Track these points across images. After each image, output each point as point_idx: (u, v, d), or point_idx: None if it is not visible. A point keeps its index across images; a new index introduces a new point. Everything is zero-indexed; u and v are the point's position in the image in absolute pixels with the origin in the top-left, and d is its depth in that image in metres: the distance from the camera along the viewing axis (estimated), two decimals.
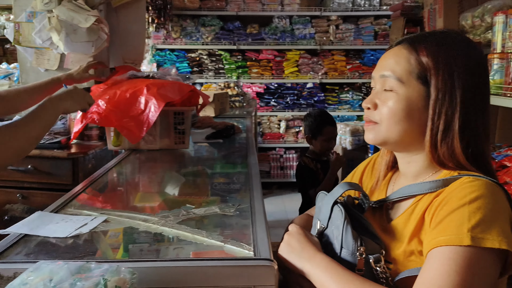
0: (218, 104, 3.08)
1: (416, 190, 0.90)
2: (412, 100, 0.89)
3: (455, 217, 0.77)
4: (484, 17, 2.33)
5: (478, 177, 0.82)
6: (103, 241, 1.10)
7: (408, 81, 0.89)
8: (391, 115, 0.90)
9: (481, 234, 0.74)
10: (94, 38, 2.04)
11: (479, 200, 0.77)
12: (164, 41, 5.00)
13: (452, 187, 0.82)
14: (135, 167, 1.82)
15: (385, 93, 0.91)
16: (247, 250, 0.95)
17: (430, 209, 0.84)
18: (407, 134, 0.90)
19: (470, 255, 0.73)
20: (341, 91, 5.33)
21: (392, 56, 0.93)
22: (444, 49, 0.88)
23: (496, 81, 1.95)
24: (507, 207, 0.80)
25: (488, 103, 0.90)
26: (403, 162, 0.97)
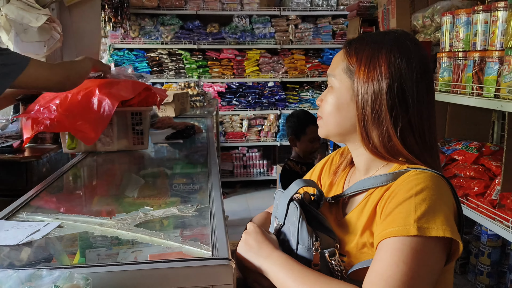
0: (178, 104, 3.06)
1: (368, 184, 0.93)
2: (341, 93, 0.95)
3: (403, 209, 0.80)
4: (434, 17, 2.42)
5: (424, 170, 0.86)
6: (57, 247, 1.07)
7: (339, 77, 0.96)
8: (327, 109, 0.98)
9: (426, 224, 0.77)
10: (46, 38, 1.97)
11: (424, 192, 0.81)
12: (122, 40, 4.90)
13: (400, 180, 0.86)
14: (91, 170, 1.78)
15: (328, 90, 0.99)
16: (205, 250, 0.96)
17: (381, 202, 0.87)
18: (341, 126, 0.96)
19: (416, 245, 0.76)
20: (302, 89, 5.40)
21: (335, 57, 1.00)
22: (370, 46, 0.93)
23: (445, 78, 2.04)
24: (450, 198, 0.85)
25: (429, 97, 0.93)
26: (354, 156, 1.01)
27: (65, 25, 2.22)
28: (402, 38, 0.93)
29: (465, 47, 1.91)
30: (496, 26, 1.71)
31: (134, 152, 1.98)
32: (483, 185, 1.77)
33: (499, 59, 1.69)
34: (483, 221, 1.72)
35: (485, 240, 2.15)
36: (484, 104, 1.72)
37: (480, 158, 1.87)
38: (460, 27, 1.92)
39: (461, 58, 1.92)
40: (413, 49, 0.92)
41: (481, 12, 1.79)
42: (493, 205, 1.71)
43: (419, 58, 0.92)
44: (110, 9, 3.83)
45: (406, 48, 0.92)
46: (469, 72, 1.86)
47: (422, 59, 0.93)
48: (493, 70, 1.71)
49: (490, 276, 2.14)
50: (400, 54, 0.90)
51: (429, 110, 0.93)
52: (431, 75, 0.95)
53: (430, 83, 0.94)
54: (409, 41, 0.93)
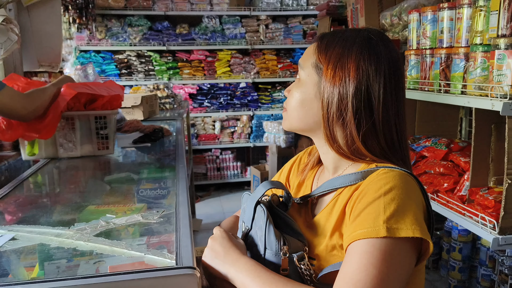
0: (147, 106, 2.98)
1: (336, 184, 0.91)
2: (307, 88, 0.93)
3: (372, 210, 0.78)
4: (402, 15, 2.44)
5: (393, 168, 0.84)
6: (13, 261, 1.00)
7: (308, 71, 0.94)
8: (291, 102, 0.96)
9: (396, 224, 0.75)
10: (2, 40, 1.87)
11: (393, 192, 0.79)
12: (88, 42, 4.77)
13: (369, 179, 0.84)
14: (52, 177, 1.70)
15: (295, 82, 0.98)
16: (169, 259, 0.91)
17: (350, 202, 0.85)
18: (304, 121, 0.94)
19: (386, 247, 0.74)
20: (274, 90, 5.38)
21: (307, 49, 0.98)
22: (341, 44, 0.90)
23: (413, 76, 2.05)
24: (419, 196, 0.83)
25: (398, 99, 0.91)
26: (321, 153, 0.99)
27: (23, 26, 2.13)
28: (374, 39, 0.90)
29: (432, 44, 1.92)
30: (461, 23, 1.72)
31: (99, 157, 1.91)
32: (452, 181, 1.78)
33: (465, 55, 1.70)
34: (453, 216, 1.73)
35: (456, 236, 2.17)
36: (452, 101, 1.73)
37: (449, 155, 1.88)
38: (427, 25, 1.93)
39: (428, 55, 1.93)
40: (384, 51, 0.90)
41: (446, 9, 1.80)
42: (463, 200, 1.72)
43: (389, 61, 0.90)
44: (74, 10, 3.71)
45: (376, 50, 0.89)
46: (436, 69, 1.87)
47: (393, 62, 0.90)
48: (460, 66, 1.72)
49: (462, 271, 2.16)
50: (370, 57, 0.88)
51: (398, 112, 0.91)
52: (401, 77, 0.92)
53: (400, 84, 0.91)
54: (381, 42, 0.91)
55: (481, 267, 2.08)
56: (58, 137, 1.83)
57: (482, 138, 1.64)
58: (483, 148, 1.65)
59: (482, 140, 1.64)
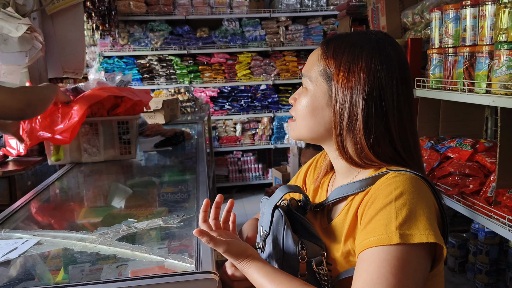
0: (168, 110, 3.01)
1: (347, 190, 0.90)
2: (316, 97, 0.91)
3: (383, 216, 0.76)
4: (423, 14, 2.40)
5: (403, 171, 0.82)
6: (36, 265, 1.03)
7: (315, 79, 0.91)
8: (299, 111, 0.93)
9: (409, 230, 0.73)
10: (27, 48, 1.93)
11: (404, 196, 0.77)
12: (112, 48, 4.86)
13: (378, 184, 0.82)
14: (77, 182, 1.73)
15: (302, 90, 0.95)
16: (189, 263, 0.92)
17: (361, 207, 0.83)
18: (314, 131, 0.92)
19: (401, 254, 0.72)
20: (294, 91, 5.35)
21: (311, 56, 0.95)
22: (350, 50, 0.88)
23: (436, 75, 2.01)
24: (431, 199, 0.81)
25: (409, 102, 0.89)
26: (332, 158, 0.97)
27: (47, 34, 2.18)
28: (382, 42, 0.89)
29: (454, 42, 1.87)
30: (485, 21, 1.67)
31: (122, 162, 1.94)
32: (478, 182, 1.74)
33: (489, 53, 1.66)
34: (479, 219, 1.68)
35: (483, 238, 2.11)
36: (476, 100, 1.69)
37: (475, 155, 1.83)
38: (449, 23, 1.88)
39: (451, 54, 1.89)
40: (393, 55, 0.88)
41: (469, 6, 1.76)
42: (489, 202, 1.67)
43: (400, 64, 0.88)
44: (97, 17, 3.78)
45: (387, 54, 0.87)
46: (460, 68, 1.82)
47: (403, 64, 0.89)
48: (484, 65, 1.68)
49: (489, 274, 2.10)
50: (381, 61, 0.86)
51: (411, 114, 0.90)
52: (410, 79, 0.91)
53: (410, 87, 0.90)
54: (390, 46, 0.89)
55: (509, 270, 2.02)
56: (82, 142, 1.87)
57: (508, 138, 1.59)
58: (510, 148, 1.60)
59: (509, 140, 1.59)
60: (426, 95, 2.06)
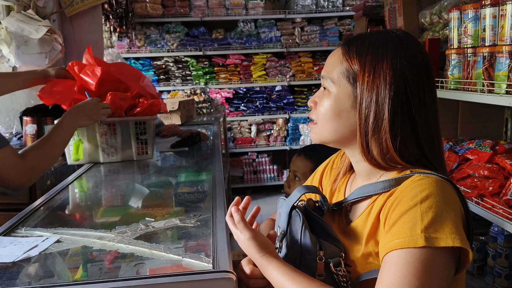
0: (184, 111, 3.03)
1: (370, 190, 0.89)
2: (341, 99, 0.89)
3: (408, 218, 0.75)
4: (442, 14, 2.37)
5: (428, 174, 0.81)
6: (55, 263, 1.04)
7: (338, 81, 0.90)
8: (323, 113, 0.92)
9: (434, 233, 0.73)
10: (47, 50, 1.96)
11: (430, 199, 0.76)
12: (128, 49, 4.91)
13: (404, 186, 0.81)
14: (95, 181, 1.76)
15: (323, 93, 0.93)
16: (206, 262, 0.92)
17: (384, 209, 0.83)
18: (339, 133, 0.91)
19: (426, 257, 0.72)
20: (310, 92, 5.35)
21: (331, 57, 0.94)
22: (373, 49, 0.87)
23: (455, 76, 1.98)
24: (457, 203, 0.80)
25: (434, 101, 0.88)
26: (353, 161, 0.96)
27: (67, 36, 2.22)
28: (406, 41, 0.88)
29: (474, 43, 1.85)
30: (505, 20, 1.65)
31: (139, 162, 1.96)
32: (498, 184, 1.71)
33: (509, 54, 1.63)
34: (499, 221, 1.66)
35: (502, 241, 2.07)
36: (496, 101, 1.66)
37: (494, 157, 1.80)
38: (468, 23, 1.86)
39: (470, 54, 1.87)
40: (417, 53, 0.87)
41: (488, 6, 1.74)
42: (509, 205, 1.65)
43: (424, 62, 0.87)
44: (115, 19, 3.83)
45: (411, 52, 0.86)
46: (479, 69, 1.80)
47: (427, 63, 0.88)
48: (504, 65, 1.65)
49: (509, 278, 2.06)
50: (406, 59, 0.85)
51: (436, 115, 0.89)
52: (433, 78, 0.90)
53: (434, 86, 0.90)
54: (413, 44, 0.88)
55: None
56: (101, 142, 1.90)
57: None
58: None
59: None
60: (445, 96, 2.04)
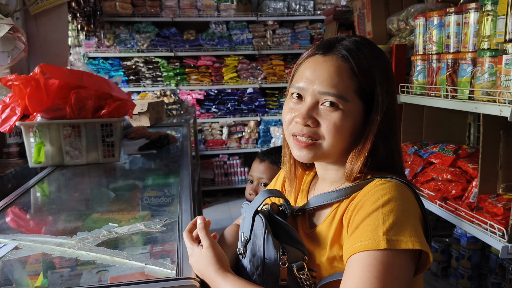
0: (154, 113, 2.99)
1: (332, 197, 0.90)
2: (355, 117, 0.86)
3: (370, 221, 0.77)
4: (408, 20, 2.42)
5: (389, 179, 0.83)
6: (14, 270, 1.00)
7: (351, 98, 0.85)
8: (337, 132, 0.85)
9: (396, 236, 0.74)
10: (9, 48, 1.89)
11: (391, 203, 0.78)
12: (97, 49, 4.80)
13: (365, 190, 0.83)
14: (58, 185, 1.70)
15: (325, 109, 0.86)
16: (170, 269, 0.90)
17: (347, 213, 0.84)
18: (345, 150, 0.89)
19: (387, 259, 0.73)
20: (281, 95, 5.38)
21: (331, 71, 0.86)
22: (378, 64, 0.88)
23: (419, 81, 2.03)
24: (416, 206, 0.82)
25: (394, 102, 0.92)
26: (321, 169, 0.96)
27: (31, 34, 2.15)
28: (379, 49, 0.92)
29: (438, 49, 1.90)
30: (468, 28, 1.70)
31: (105, 165, 1.92)
32: (460, 188, 1.76)
33: (472, 60, 1.68)
34: (462, 224, 1.70)
35: (465, 243, 2.13)
36: (459, 106, 1.71)
37: (457, 161, 1.85)
38: (433, 30, 1.91)
39: (435, 60, 1.91)
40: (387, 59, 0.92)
41: (453, 14, 1.78)
42: (471, 208, 1.69)
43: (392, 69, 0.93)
44: (83, 17, 3.74)
45: (387, 61, 0.91)
46: (443, 75, 1.85)
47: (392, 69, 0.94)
48: (467, 72, 1.70)
49: (471, 279, 2.13)
50: (389, 68, 0.90)
51: (396, 116, 0.92)
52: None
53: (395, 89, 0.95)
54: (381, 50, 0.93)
55: (490, 275, 2.04)
56: (64, 145, 1.84)
57: (490, 144, 1.61)
58: (492, 154, 1.62)
59: (491, 146, 1.61)
60: (410, 101, 2.08)
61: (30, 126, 1.79)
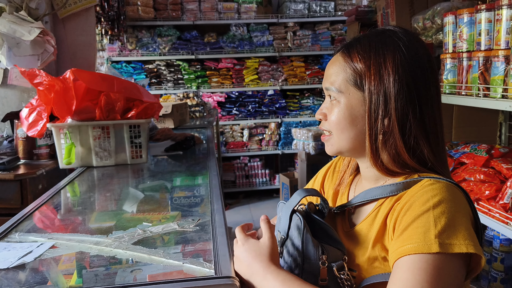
0: (178, 115, 3.01)
1: (377, 193, 0.87)
2: (354, 107, 0.87)
3: (421, 223, 0.74)
4: (435, 19, 2.38)
5: (438, 179, 0.81)
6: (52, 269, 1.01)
7: (346, 89, 0.88)
8: (337, 124, 0.90)
9: (448, 239, 0.72)
10: (39, 52, 1.93)
11: (442, 205, 0.75)
12: (120, 53, 4.87)
13: (413, 191, 0.80)
14: (88, 185, 1.72)
15: (331, 103, 0.91)
16: (208, 268, 0.90)
17: (392, 214, 0.81)
18: (356, 141, 0.89)
19: (439, 263, 0.71)
20: (302, 96, 5.36)
21: (331, 66, 0.92)
22: (375, 48, 0.86)
23: (449, 80, 1.99)
24: (467, 208, 0.79)
25: (437, 100, 0.88)
26: (363, 166, 0.94)
27: (59, 38, 2.19)
28: (404, 35, 0.87)
29: (469, 47, 1.86)
30: (501, 25, 1.66)
31: (133, 166, 1.93)
32: (494, 188, 1.71)
33: (505, 58, 1.64)
34: (495, 225, 1.66)
35: (498, 246, 2.08)
36: (492, 105, 1.67)
37: (490, 161, 1.81)
38: (463, 27, 1.87)
39: (465, 58, 1.87)
40: (418, 46, 0.87)
41: (484, 11, 1.75)
42: (506, 209, 1.65)
43: (427, 55, 0.87)
44: (107, 22, 3.80)
45: (412, 45, 0.86)
46: (475, 73, 1.81)
47: (429, 55, 0.88)
48: (500, 69, 1.66)
49: (505, 283, 2.07)
50: (409, 53, 0.84)
51: (440, 109, 0.88)
52: (436, 70, 0.90)
53: (438, 79, 0.89)
54: (412, 38, 0.87)
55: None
56: (94, 146, 1.87)
57: None
58: None
59: None
60: None
61: (61, 128, 1.81)
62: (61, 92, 1.76)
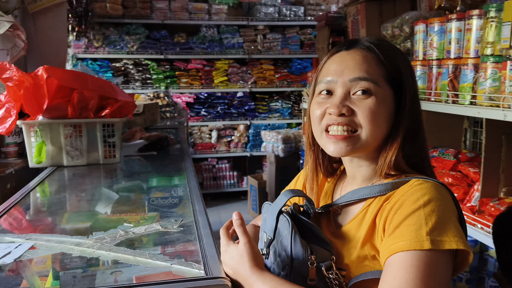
0: (149, 115, 2.96)
1: (365, 193, 0.89)
2: (387, 103, 0.88)
3: (412, 221, 0.77)
4: (403, 27, 2.46)
5: (426, 179, 0.84)
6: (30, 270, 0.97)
7: (382, 83, 0.88)
8: (373, 118, 0.85)
9: (439, 236, 0.74)
10: (9, 46, 1.85)
11: (432, 203, 0.78)
12: (86, 50, 4.74)
13: (403, 190, 0.83)
14: (61, 185, 1.67)
15: (358, 97, 0.86)
16: (197, 269, 0.89)
17: (381, 213, 0.83)
18: (382, 139, 0.89)
19: (430, 259, 0.73)
20: (271, 99, 5.39)
21: (358, 59, 0.88)
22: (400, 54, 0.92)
23: (419, 86, 2.06)
24: (454, 207, 0.83)
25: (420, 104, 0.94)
26: (355, 166, 0.94)
27: (29, 33, 2.11)
28: None
29: (439, 55, 1.93)
30: (471, 34, 1.74)
31: (106, 166, 1.89)
32: (462, 191, 1.79)
33: (474, 66, 1.72)
34: None
35: None
36: (461, 111, 1.74)
37: (458, 165, 1.89)
38: (434, 36, 1.94)
39: (435, 66, 1.95)
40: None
41: (454, 20, 1.82)
42: (473, 211, 1.72)
43: None
44: (74, 18, 3.69)
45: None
46: (444, 80, 1.88)
47: None
48: (469, 77, 1.74)
49: (469, 283, 2.16)
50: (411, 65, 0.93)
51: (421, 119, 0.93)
52: None
53: None
54: None
55: (489, 278, 2.08)
56: (65, 145, 1.81)
57: (492, 149, 1.65)
58: (494, 158, 1.66)
59: (493, 151, 1.65)
60: None
61: (31, 125, 1.75)
62: (31, 89, 1.69)
